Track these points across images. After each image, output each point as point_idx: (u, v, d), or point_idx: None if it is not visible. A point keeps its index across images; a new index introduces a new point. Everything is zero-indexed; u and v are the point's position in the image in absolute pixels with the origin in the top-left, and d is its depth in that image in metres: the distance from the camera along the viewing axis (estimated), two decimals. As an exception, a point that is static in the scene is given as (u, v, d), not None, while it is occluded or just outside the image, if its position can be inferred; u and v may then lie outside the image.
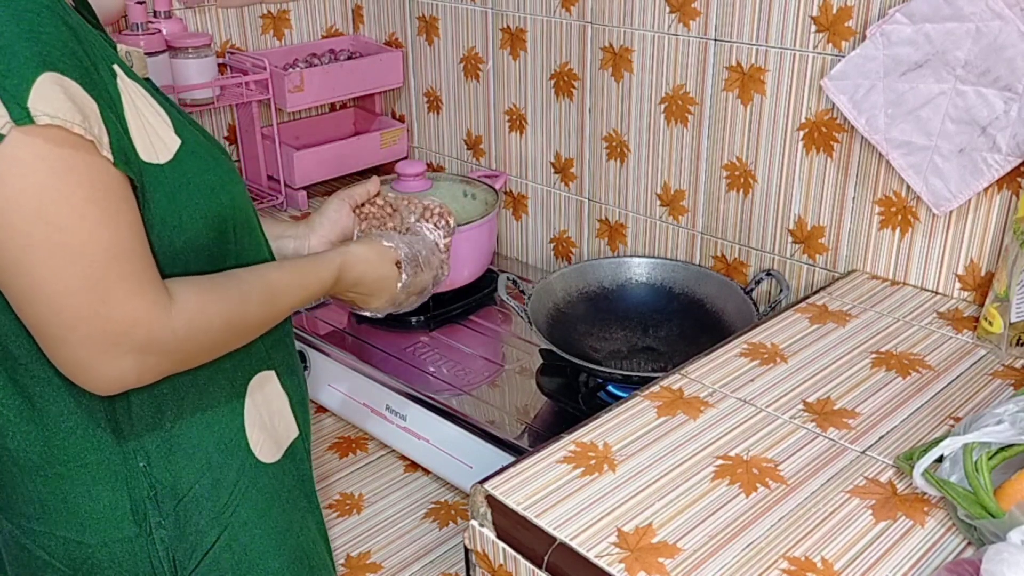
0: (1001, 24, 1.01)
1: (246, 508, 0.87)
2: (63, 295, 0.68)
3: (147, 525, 0.81)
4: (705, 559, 0.74)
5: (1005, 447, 0.75)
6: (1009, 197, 1.09)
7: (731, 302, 1.29)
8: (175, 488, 0.82)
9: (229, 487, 0.86)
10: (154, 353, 0.72)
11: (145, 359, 0.72)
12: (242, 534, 0.87)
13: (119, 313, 0.70)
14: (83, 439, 0.78)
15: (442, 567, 1.24)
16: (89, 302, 0.69)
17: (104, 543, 0.80)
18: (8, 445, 0.78)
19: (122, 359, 0.71)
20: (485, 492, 0.82)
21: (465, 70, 1.69)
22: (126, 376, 0.72)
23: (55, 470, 0.78)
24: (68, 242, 0.68)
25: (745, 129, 1.31)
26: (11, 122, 0.65)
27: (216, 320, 0.77)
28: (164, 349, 0.73)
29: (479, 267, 1.56)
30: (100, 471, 0.79)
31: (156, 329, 0.72)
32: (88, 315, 0.69)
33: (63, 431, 0.77)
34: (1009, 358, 1.01)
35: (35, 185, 0.66)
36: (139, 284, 0.71)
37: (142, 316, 0.71)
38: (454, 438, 1.24)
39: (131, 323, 0.70)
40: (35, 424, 0.77)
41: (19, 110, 0.65)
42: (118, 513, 0.80)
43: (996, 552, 0.61)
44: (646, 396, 0.96)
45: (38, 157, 0.66)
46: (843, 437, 0.88)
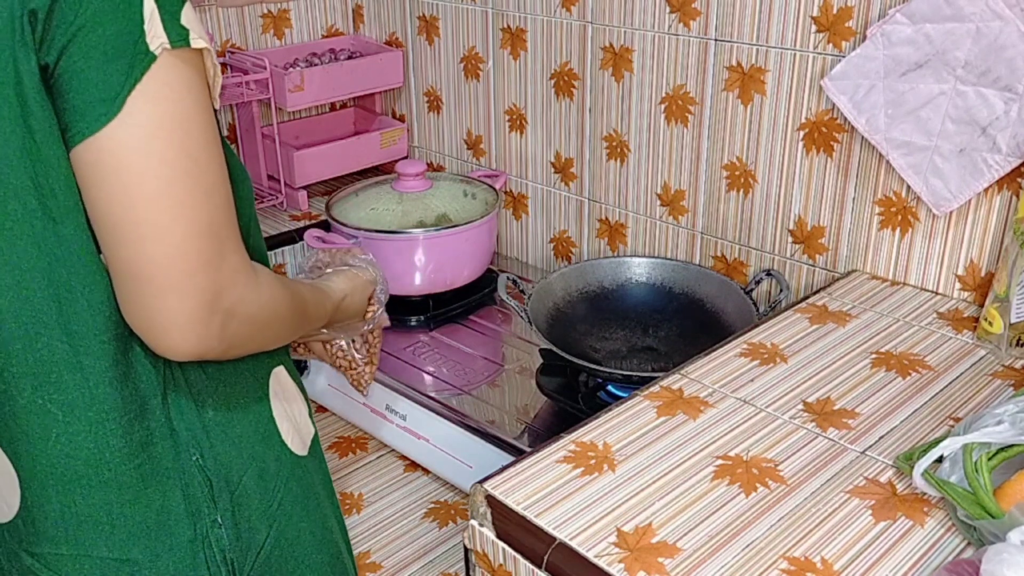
0: (1001, 24, 1.01)
1: (290, 501, 0.85)
2: (192, 237, 0.65)
3: (203, 526, 0.77)
4: (705, 559, 0.74)
5: (1005, 447, 0.75)
6: (1009, 197, 1.09)
7: (731, 302, 1.29)
8: (228, 480, 0.78)
9: (272, 478, 0.83)
10: (238, 319, 0.70)
11: (230, 323, 0.69)
12: (289, 529, 0.84)
13: (227, 268, 0.67)
14: (139, 434, 0.73)
15: (442, 567, 1.24)
16: (209, 250, 0.66)
17: (154, 556, 0.75)
18: (50, 451, 0.71)
19: (213, 318, 0.67)
20: (485, 492, 0.82)
21: (465, 70, 1.69)
22: (212, 341, 0.69)
23: (101, 476, 0.72)
24: (203, 181, 0.65)
25: (745, 129, 1.31)
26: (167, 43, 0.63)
27: (281, 304, 0.76)
28: (250, 315, 0.71)
29: (479, 267, 1.56)
30: (152, 469, 0.74)
31: (247, 293, 0.70)
32: (203, 265, 0.66)
33: (120, 433, 0.72)
34: (1009, 358, 1.01)
35: (183, 113, 0.64)
36: (241, 249, 0.69)
37: (238, 279, 0.69)
38: (454, 438, 1.24)
39: (231, 281, 0.68)
40: (86, 421, 0.71)
41: (178, 29, 0.63)
42: (172, 517, 0.75)
43: (996, 552, 0.61)
44: (646, 396, 0.96)
45: (186, 84, 0.64)
46: (843, 437, 0.88)
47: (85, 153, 0.64)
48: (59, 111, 0.64)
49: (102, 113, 0.63)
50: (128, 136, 0.63)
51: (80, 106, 0.63)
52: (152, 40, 0.63)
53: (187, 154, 0.65)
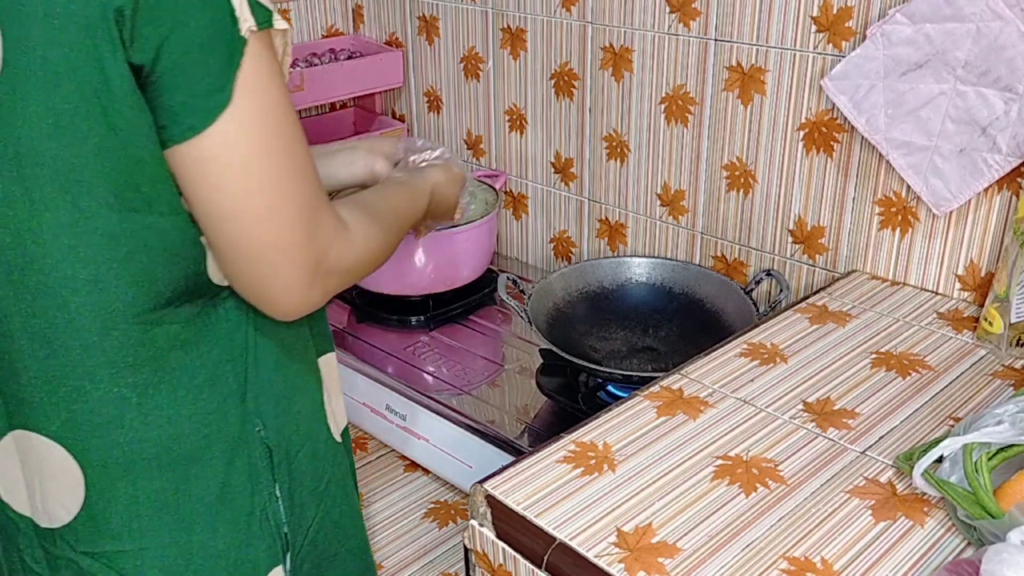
0: (1001, 24, 1.01)
1: (335, 484, 0.87)
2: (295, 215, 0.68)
3: (261, 499, 0.78)
4: (705, 559, 0.74)
5: (1005, 447, 0.75)
6: (1009, 197, 1.09)
7: (731, 302, 1.29)
8: (288, 452, 0.80)
9: (321, 459, 0.85)
10: (336, 274, 0.74)
11: (329, 280, 0.73)
12: (333, 510, 0.87)
13: (322, 236, 0.71)
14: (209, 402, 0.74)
15: (442, 567, 1.24)
16: (309, 222, 0.69)
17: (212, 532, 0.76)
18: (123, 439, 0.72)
19: (316, 282, 0.72)
20: (485, 492, 0.82)
21: (465, 70, 1.69)
22: (316, 299, 0.73)
23: (171, 454, 0.73)
24: (298, 161, 0.68)
25: (745, 129, 1.31)
26: (254, 25, 0.63)
27: (375, 241, 0.80)
28: (345, 268, 0.75)
29: (479, 267, 1.56)
30: (219, 437, 0.75)
31: (343, 253, 0.74)
32: (306, 237, 0.69)
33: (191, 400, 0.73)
34: (1009, 358, 1.01)
35: (274, 98, 0.66)
36: (331, 208, 0.73)
37: (334, 241, 0.72)
38: (454, 438, 1.24)
39: (327, 247, 0.72)
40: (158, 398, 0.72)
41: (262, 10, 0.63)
42: (233, 489, 0.76)
43: (996, 552, 0.61)
44: (646, 396, 0.96)
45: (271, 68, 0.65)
46: (843, 437, 0.88)
47: (193, 148, 0.65)
48: (157, 109, 0.64)
49: (211, 108, 0.63)
50: (234, 129, 0.65)
51: (186, 103, 0.63)
52: (242, 24, 0.63)
53: (283, 138, 0.67)
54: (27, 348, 0.69)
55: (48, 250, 0.66)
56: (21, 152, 0.63)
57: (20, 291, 0.68)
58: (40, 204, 0.65)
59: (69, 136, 0.63)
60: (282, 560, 0.81)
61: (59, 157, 0.63)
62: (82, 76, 0.61)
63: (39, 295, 0.67)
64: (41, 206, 0.65)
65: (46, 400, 0.71)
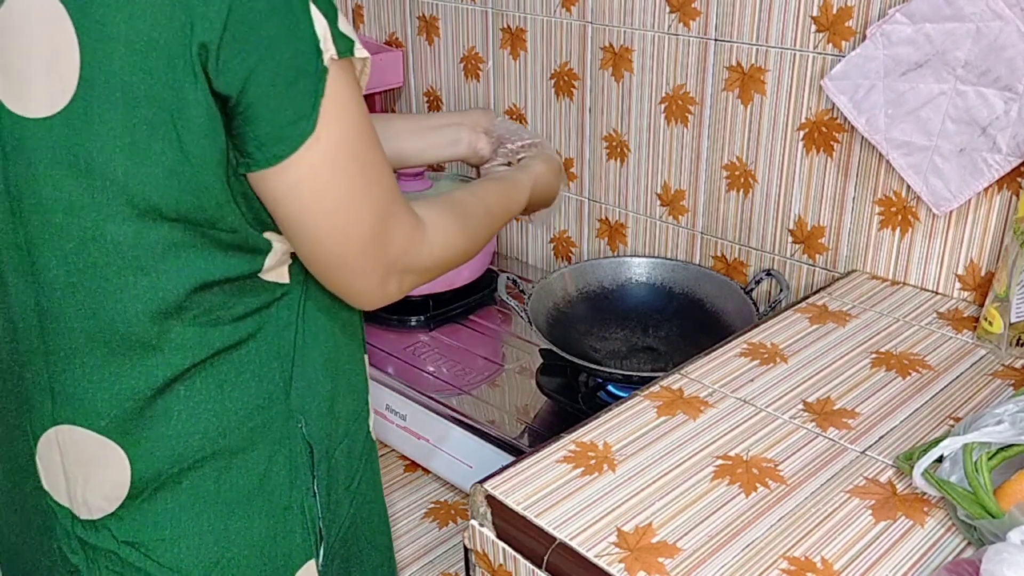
0: (1001, 24, 1.01)
1: (366, 481, 0.89)
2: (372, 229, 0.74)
3: (299, 493, 0.81)
4: (705, 559, 0.74)
5: (1005, 447, 0.75)
6: (1009, 197, 1.09)
7: (731, 302, 1.29)
8: (328, 450, 0.83)
9: (357, 457, 0.88)
10: (413, 272, 0.80)
11: (405, 277, 0.79)
12: (364, 508, 0.89)
13: (397, 238, 0.76)
14: (255, 397, 0.77)
15: (442, 567, 1.24)
16: (381, 233, 0.75)
17: (248, 522, 0.78)
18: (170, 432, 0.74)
19: (391, 279, 0.78)
20: (485, 492, 0.82)
21: (465, 70, 1.69)
22: (392, 294, 0.79)
23: (216, 445, 0.75)
24: (375, 178, 0.73)
25: (745, 129, 1.31)
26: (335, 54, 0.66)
27: (455, 239, 0.86)
28: (422, 267, 0.81)
29: (479, 267, 1.56)
30: (263, 431, 0.78)
31: (419, 252, 0.79)
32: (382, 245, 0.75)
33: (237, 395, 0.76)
34: (1009, 358, 1.01)
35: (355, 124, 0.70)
36: (405, 212, 0.78)
37: (409, 242, 0.78)
38: (454, 438, 1.24)
39: (403, 249, 0.77)
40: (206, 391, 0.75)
41: (343, 39, 0.67)
42: (272, 481, 0.79)
43: (996, 552, 0.61)
44: (646, 396, 0.96)
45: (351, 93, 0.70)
46: (843, 437, 0.88)
47: (278, 174, 0.68)
48: (243, 136, 0.67)
49: (296, 136, 0.67)
50: (318, 155, 0.68)
51: (272, 132, 0.66)
52: (325, 54, 0.66)
53: (360, 159, 0.71)
54: (85, 347, 0.72)
55: (110, 259, 0.69)
56: (92, 165, 0.66)
57: (80, 295, 0.70)
58: (106, 215, 0.67)
59: (142, 155, 0.65)
60: (315, 554, 0.83)
61: (130, 173, 0.66)
62: (160, 101, 0.64)
63: (99, 299, 0.70)
64: (107, 217, 0.67)
65: (99, 397, 0.73)
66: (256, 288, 0.76)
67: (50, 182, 0.67)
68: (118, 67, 0.63)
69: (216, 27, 0.62)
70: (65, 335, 0.72)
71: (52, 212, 0.68)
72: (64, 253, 0.69)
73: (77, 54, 0.63)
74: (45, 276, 0.70)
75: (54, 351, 0.73)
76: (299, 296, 0.80)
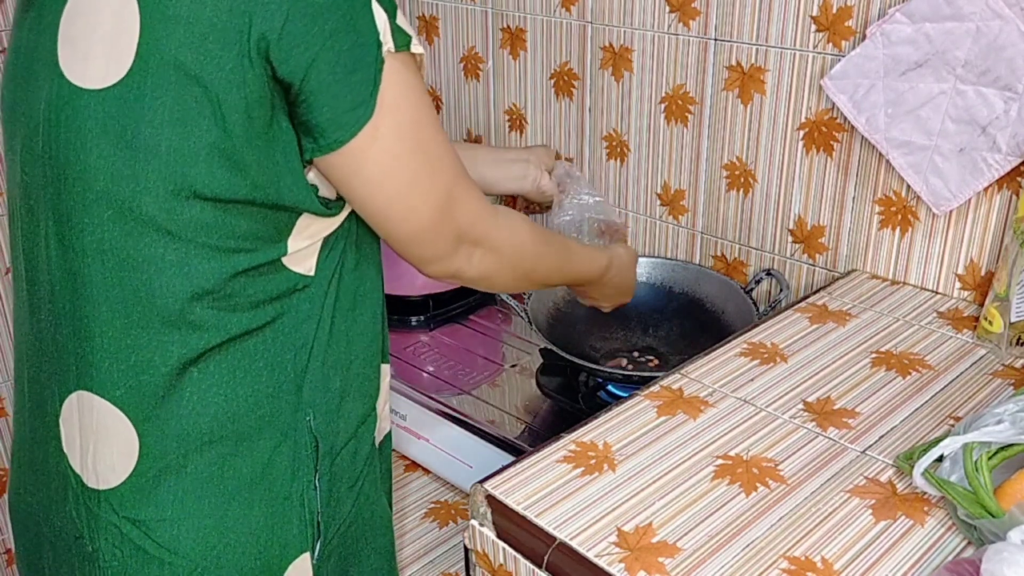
0: (1001, 24, 1.01)
1: (369, 483, 0.90)
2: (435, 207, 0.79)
3: (300, 485, 0.82)
4: (705, 559, 0.74)
5: (1005, 447, 0.75)
6: (1009, 197, 1.09)
7: (731, 302, 1.29)
8: (333, 445, 0.85)
9: (362, 459, 0.89)
10: (484, 246, 0.86)
11: (475, 250, 0.85)
12: (365, 509, 0.90)
13: (465, 209, 0.82)
14: (266, 386, 0.79)
15: (442, 567, 1.24)
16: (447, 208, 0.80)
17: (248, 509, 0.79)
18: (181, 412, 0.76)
19: (459, 249, 0.83)
20: (485, 492, 0.82)
21: (465, 70, 1.69)
22: (459, 263, 0.85)
23: (224, 430, 0.77)
24: (436, 163, 0.78)
25: (745, 129, 1.31)
26: (392, 47, 0.70)
27: (525, 236, 0.92)
28: (492, 243, 0.86)
29: (479, 267, 1.56)
30: (271, 420, 0.79)
31: (488, 225, 0.85)
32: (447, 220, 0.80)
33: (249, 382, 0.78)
34: (1009, 358, 1.01)
35: (414, 113, 0.74)
36: (472, 189, 0.83)
37: (477, 214, 0.84)
38: (454, 438, 1.24)
39: (471, 220, 0.83)
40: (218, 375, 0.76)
41: (401, 34, 0.71)
42: (275, 470, 0.80)
43: (996, 552, 0.61)
44: (646, 396, 0.96)
45: (411, 84, 0.73)
46: (843, 437, 0.88)
47: (340, 159, 0.72)
48: (305, 122, 0.71)
49: (354, 122, 0.70)
50: (376, 142, 0.72)
51: (332, 118, 0.70)
52: (384, 46, 0.70)
53: (421, 146, 0.76)
54: (106, 316, 0.74)
55: (143, 231, 0.71)
56: (138, 138, 0.69)
57: (109, 262, 0.73)
58: (144, 187, 0.70)
59: (188, 131, 0.68)
60: (311, 547, 0.83)
61: (173, 148, 0.69)
62: (211, 82, 0.67)
63: (128, 269, 0.73)
64: (144, 189, 0.70)
65: (115, 367, 0.75)
66: (277, 276, 0.77)
67: (96, 151, 0.70)
68: (175, 47, 0.67)
69: (277, 19, 0.66)
70: (92, 302, 0.74)
71: (95, 179, 0.71)
72: (100, 221, 0.72)
73: (137, 31, 0.67)
74: (80, 241, 0.73)
75: (82, 316, 0.75)
76: (323, 292, 0.81)
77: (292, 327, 0.80)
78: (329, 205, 0.78)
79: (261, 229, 0.75)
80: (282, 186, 0.73)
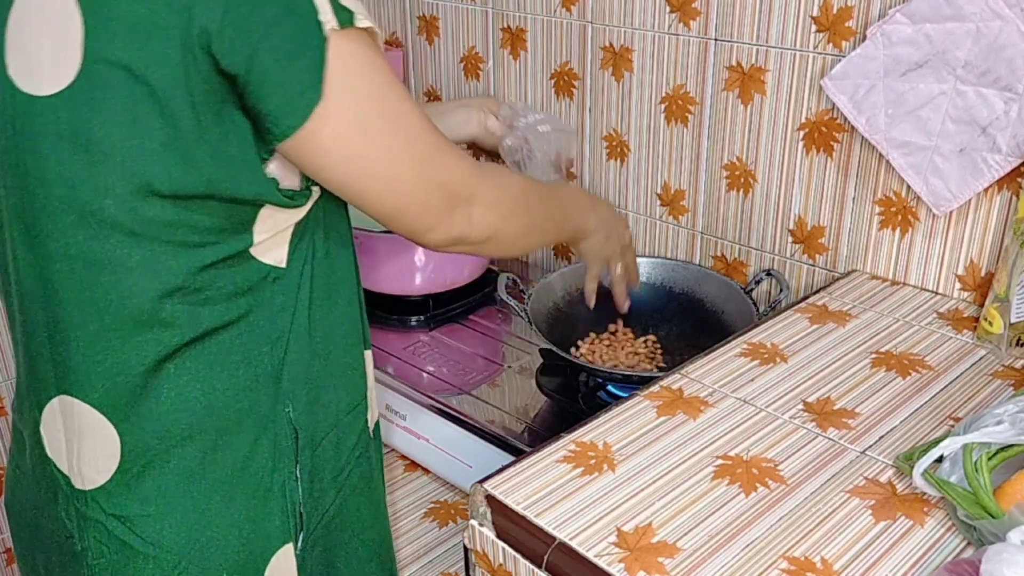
0: (1001, 24, 1.01)
1: (357, 474, 0.90)
2: (416, 175, 0.77)
3: (281, 476, 0.82)
4: (705, 559, 0.74)
5: (1005, 447, 0.75)
6: (1009, 197, 1.09)
7: (731, 302, 1.29)
8: (313, 436, 0.84)
9: (348, 449, 0.89)
10: (477, 204, 0.84)
11: (474, 210, 0.83)
12: (351, 499, 0.90)
13: (451, 172, 0.81)
14: (244, 379, 0.79)
15: (442, 567, 1.24)
16: (431, 172, 0.79)
17: (230, 501, 0.79)
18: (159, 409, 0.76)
19: (456, 212, 0.82)
20: (485, 492, 0.82)
21: (465, 70, 1.69)
22: (466, 230, 0.83)
23: (202, 424, 0.77)
24: (408, 121, 0.76)
25: (745, 129, 1.31)
26: (336, 24, 0.68)
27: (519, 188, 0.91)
28: (486, 200, 0.85)
29: (479, 267, 1.56)
30: (249, 413, 0.79)
31: (477, 183, 0.83)
32: (433, 184, 0.79)
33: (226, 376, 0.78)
34: (1009, 358, 1.01)
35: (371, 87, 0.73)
36: (455, 150, 0.82)
37: (466, 174, 0.82)
38: (454, 438, 1.24)
39: (460, 180, 0.82)
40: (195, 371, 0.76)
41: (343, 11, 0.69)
42: (256, 462, 0.80)
43: (996, 552, 0.61)
44: (646, 396, 0.96)
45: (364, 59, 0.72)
46: (843, 437, 0.88)
47: (300, 144, 0.71)
48: (257, 113, 0.70)
49: (304, 106, 0.69)
50: (333, 122, 0.71)
51: (281, 105, 0.69)
52: (325, 26, 0.68)
53: (387, 120, 0.74)
54: (78, 319, 0.74)
55: (107, 234, 0.71)
56: (92, 141, 0.69)
57: (77, 267, 0.73)
58: (103, 190, 0.70)
59: (139, 130, 0.68)
60: (294, 538, 0.84)
61: (127, 149, 0.69)
62: (159, 80, 0.67)
63: (96, 271, 0.72)
64: (104, 192, 0.70)
65: (92, 369, 0.75)
66: (247, 268, 0.77)
67: (54, 157, 0.70)
68: (119, 48, 0.66)
69: (216, 11, 0.65)
70: (64, 307, 0.74)
71: (55, 186, 0.71)
72: (64, 226, 0.72)
73: (81, 36, 0.66)
74: (47, 248, 0.73)
75: (55, 322, 0.75)
76: (296, 283, 0.81)
77: (267, 319, 0.80)
78: (294, 196, 0.77)
79: (224, 222, 0.74)
80: (240, 179, 0.72)
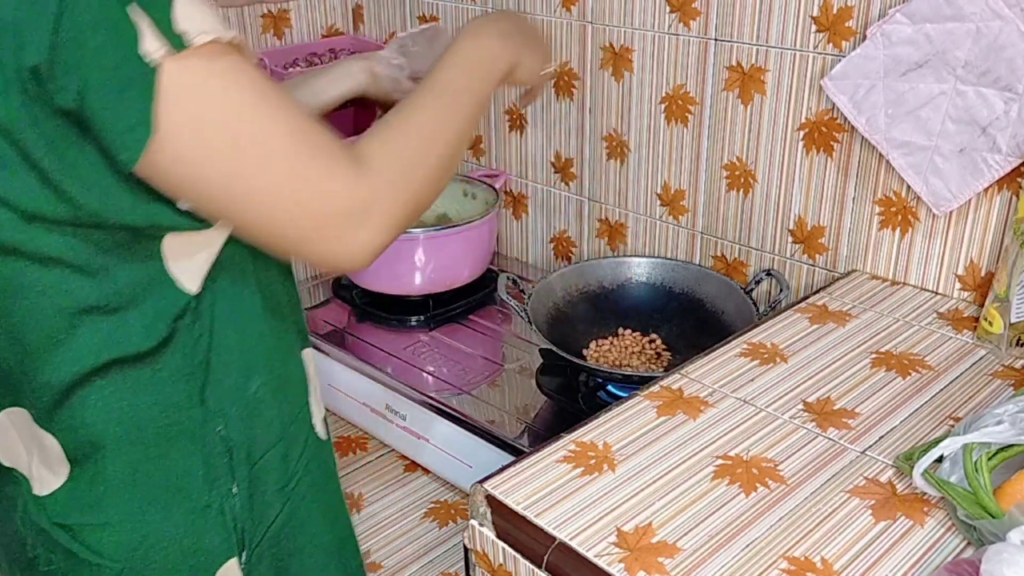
0: (1001, 24, 1.01)
1: (306, 483, 0.89)
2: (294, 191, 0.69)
3: (218, 493, 0.81)
4: (705, 559, 0.74)
5: (1005, 447, 0.75)
6: (1009, 197, 1.09)
7: (731, 302, 1.29)
8: (250, 454, 0.83)
9: (295, 459, 0.87)
10: (376, 211, 0.73)
11: (373, 220, 0.72)
12: (301, 509, 0.88)
13: (334, 188, 0.70)
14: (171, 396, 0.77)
15: (442, 567, 1.24)
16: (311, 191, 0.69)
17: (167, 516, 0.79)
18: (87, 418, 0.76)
19: (355, 232, 0.72)
20: (485, 492, 0.82)
21: (465, 70, 1.69)
22: (372, 243, 0.73)
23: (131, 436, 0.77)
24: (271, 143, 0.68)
25: (745, 129, 1.31)
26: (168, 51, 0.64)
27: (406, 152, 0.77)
28: (381, 202, 0.73)
29: (479, 267, 1.56)
30: (178, 432, 0.78)
31: (363, 193, 0.72)
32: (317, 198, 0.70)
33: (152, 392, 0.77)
34: (1009, 358, 1.01)
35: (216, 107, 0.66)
36: (329, 160, 0.71)
37: (345, 188, 0.71)
38: (454, 438, 1.24)
39: (347, 194, 0.71)
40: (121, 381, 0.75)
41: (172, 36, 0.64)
42: (190, 480, 0.79)
43: (996, 552, 0.61)
44: (646, 396, 0.96)
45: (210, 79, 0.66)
46: (843, 437, 0.88)
47: (146, 172, 0.67)
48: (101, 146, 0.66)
49: (136, 141, 0.65)
50: (169, 154, 0.66)
51: (115, 140, 0.65)
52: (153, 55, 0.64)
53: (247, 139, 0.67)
54: (4, 344, 0.74)
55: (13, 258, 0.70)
56: None
57: None
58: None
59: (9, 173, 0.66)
60: (237, 553, 0.83)
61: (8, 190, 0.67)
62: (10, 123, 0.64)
63: (10, 298, 0.72)
64: None
65: (26, 389, 0.75)
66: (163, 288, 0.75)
67: None
68: None
69: (44, 48, 0.62)
70: None
71: None
72: None
73: None
74: None
75: None
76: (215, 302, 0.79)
77: (188, 339, 0.78)
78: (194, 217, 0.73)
79: (129, 244, 0.72)
80: (123, 208, 0.70)
